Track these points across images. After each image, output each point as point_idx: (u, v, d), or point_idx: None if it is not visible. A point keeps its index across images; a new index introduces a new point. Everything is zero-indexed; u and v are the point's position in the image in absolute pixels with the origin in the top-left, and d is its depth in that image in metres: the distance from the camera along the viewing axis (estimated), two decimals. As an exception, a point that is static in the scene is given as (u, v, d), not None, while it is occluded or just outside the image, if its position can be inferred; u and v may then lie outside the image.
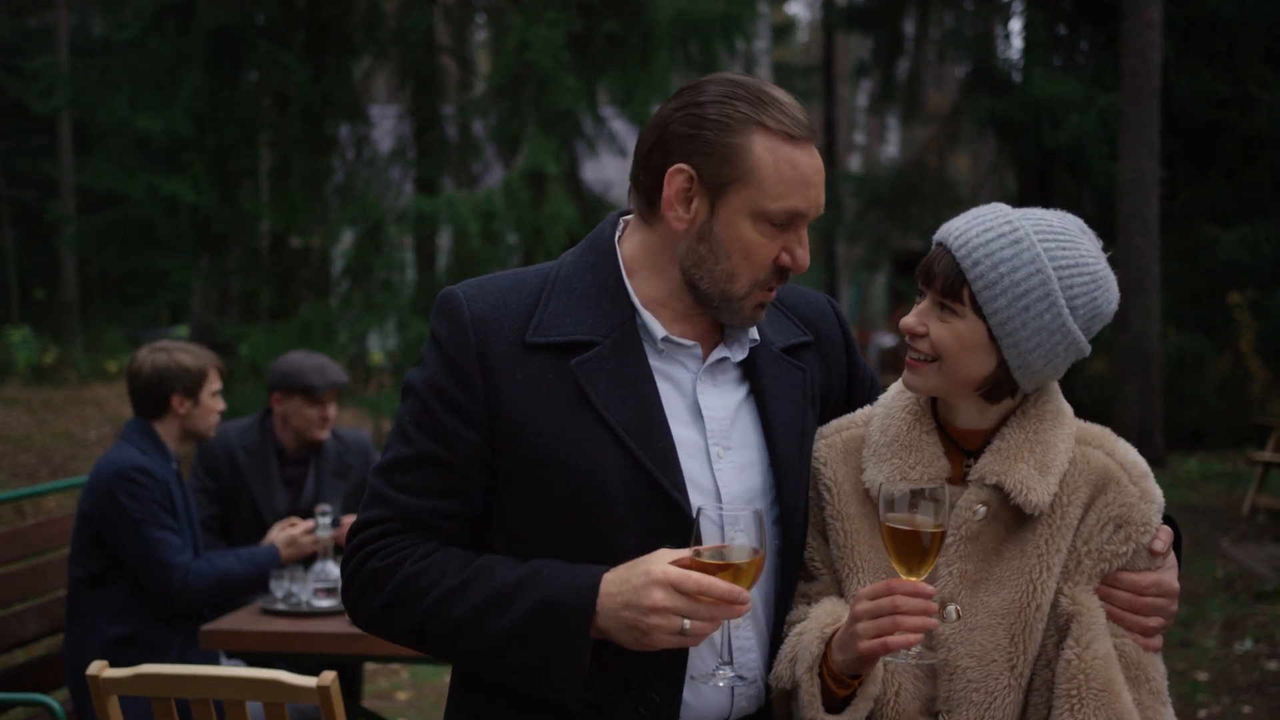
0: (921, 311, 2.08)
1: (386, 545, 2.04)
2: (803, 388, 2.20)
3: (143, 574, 4.26)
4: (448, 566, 2.01)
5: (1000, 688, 2.03)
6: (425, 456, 2.05)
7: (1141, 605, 2.07)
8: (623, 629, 1.92)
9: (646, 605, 1.89)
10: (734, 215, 2.02)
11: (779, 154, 2.01)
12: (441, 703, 6.44)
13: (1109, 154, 13.75)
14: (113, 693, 2.86)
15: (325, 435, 4.99)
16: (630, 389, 2.04)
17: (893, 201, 17.91)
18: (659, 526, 1.98)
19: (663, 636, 1.90)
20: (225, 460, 4.90)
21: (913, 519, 1.93)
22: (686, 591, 1.88)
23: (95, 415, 15.58)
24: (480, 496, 2.07)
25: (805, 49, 37.95)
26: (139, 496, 4.24)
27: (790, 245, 2.05)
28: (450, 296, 2.09)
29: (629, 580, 1.92)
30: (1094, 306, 2.05)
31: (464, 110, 13.15)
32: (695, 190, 2.03)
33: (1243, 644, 7.18)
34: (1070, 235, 2.05)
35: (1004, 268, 2.01)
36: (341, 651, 3.98)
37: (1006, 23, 17.77)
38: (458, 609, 1.98)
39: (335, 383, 4.95)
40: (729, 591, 1.87)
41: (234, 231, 12.28)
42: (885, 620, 1.91)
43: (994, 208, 2.09)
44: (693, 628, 1.88)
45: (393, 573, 2.02)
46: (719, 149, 2.01)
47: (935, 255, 2.07)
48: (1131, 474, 2.08)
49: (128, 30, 12.20)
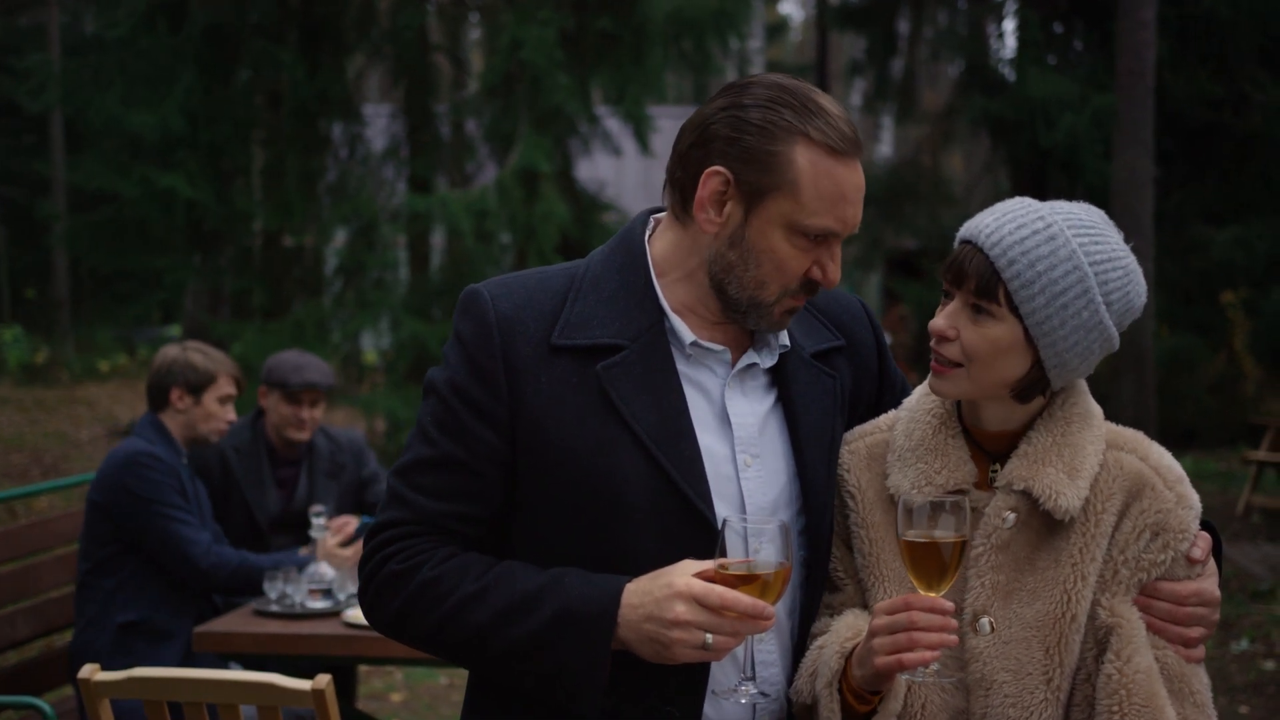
0: (951, 314, 2.01)
1: (406, 548, 2.00)
2: (833, 394, 2.14)
3: (165, 555, 4.28)
4: (467, 572, 1.97)
5: (1036, 702, 1.98)
6: (446, 458, 2.01)
7: (1183, 615, 2.01)
8: (644, 641, 1.88)
9: (669, 619, 1.85)
10: (768, 225, 1.97)
11: (820, 167, 1.96)
12: (436, 704, 6.43)
13: (1103, 153, 13.75)
14: (105, 696, 2.83)
15: (302, 436, 4.90)
16: (657, 395, 2.00)
17: (887, 200, 17.87)
18: (681, 535, 1.95)
19: (684, 651, 1.86)
20: (216, 461, 4.85)
21: (930, 532, 1.88)
22: (710, 606, 1.84)
23: (87, 415, 15.53)
24: (501, 499, 2.03)
25: (799, 48, 37.94)
26: (147, 478, 4.27)
27: (823, 260, 2.00)
28: (475, 295, 2.04)
29: (651, 592, 1.88)
30: (1127, 300, 2.01)
31: (457, 109, 13.11)
32: (731, 194, 1.98)
33: (1239, 644, 7.17)
34: (1100, 229, 2.01)
35: (1041, 265, 1.95)
36: (336, 653, 3.96)
37: (1000, 22, 17.75)
38: (477, 615, 1.95)
39: (311, 383, 4.85)
40: (753, 606, 1.83)
41: (227, 230, 12.24)
42: (901, 637, 1.86)
43: (1021, 203, 2.02)
44: (715, 643, 1.85)
45: (411, 576, 1.98)
46: (759, 155, 1.96)
47: (965, 254, 2.00)
48: (1166, 479, 2.02)
49: (119, 28, 12.14)
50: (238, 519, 4.85)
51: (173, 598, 4.34)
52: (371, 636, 3.90)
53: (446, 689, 6.65)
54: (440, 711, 6.33)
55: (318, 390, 4.89)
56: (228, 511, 4.85)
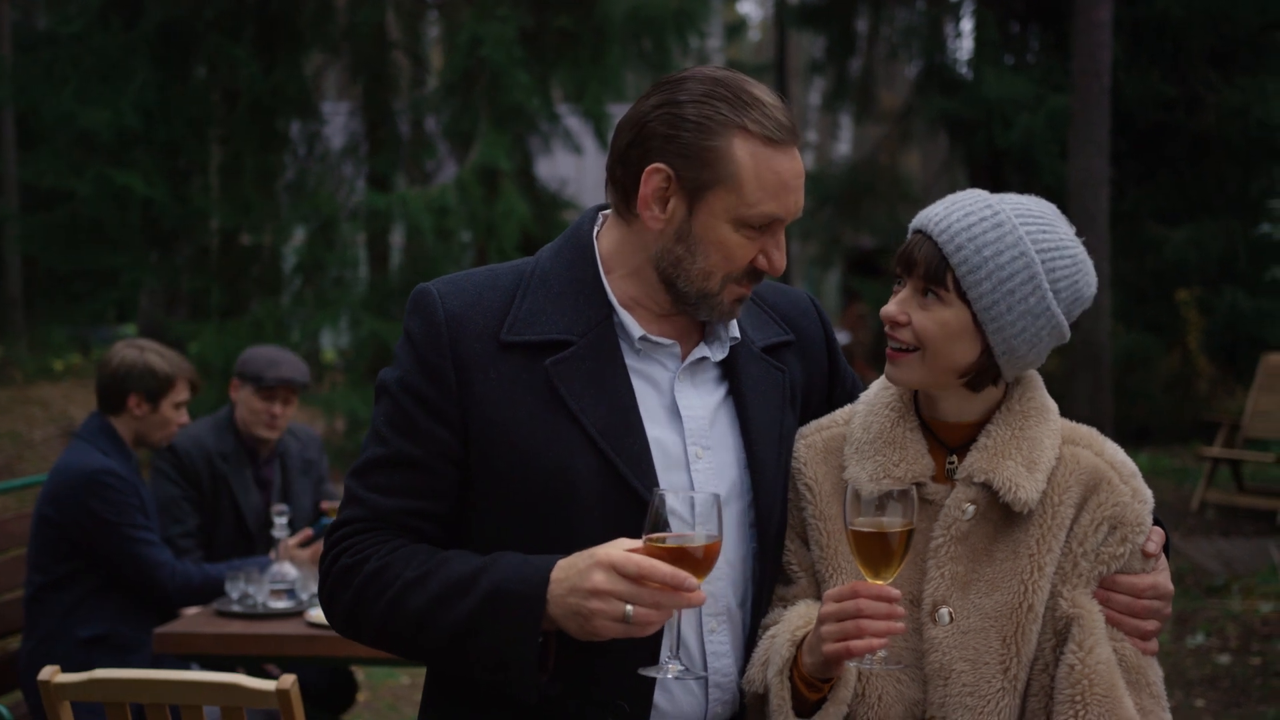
0: (902, 300, 2.05)
1: (357, 543, 2.02)
2: (782, 389, 2.17)
3: (131, 576, 4.22)
4: (411, 560, 1.98)
5: (993, 691, 2.00)
6: (399, 456, 2.02)
7: (1140, 608, 2.05)
8: (568, 615, 1.87)
9: (587, 588, 1.84)
10: (713, 218, 1.99)
11: (759, 158, 1.97)
12: (398, 704, 6.40)
13: (1059, 153, 13.86)
14: (65, 698, 2.79)
15: (271, 435, 4.79)
16: (605, 390, 2.01)
17: (845, 199, 17.95)
18: (631, 528, 1.94)
19: (604, 623, 1.84)
20: (205, 468, 4.71)
21: (878, 520, 1.89)
22: (628, 575, 1.82)
23: (40, 415, 15.33)
24: (455, 495, 2.04)
25: (757, 47, 38.01)
26: (112, 500, 4.17)
27: (768, 248, 2.02)
28: (424, 294, 2.05)
29: (575, 565, 1.88)
30: (1075, 290, 2.03)
31: (416, 106, 13.06)
32: (673, 190, 1.99)
33: (1194, 638, 7.26)
34: (1048, 219, 2.04)
35: (988, 251, 1.98)
36: (298, 653, 3.93)
37: (957, 22, 17.85)
38: (416, 600, 1.95)
39: (286, 379, 4.71)
40: (672, 576, 1.81)
41: (184, 228, 12.13)
42: (849, 624, 1.88)
43: (972, 193, 2.06)
44: (636, 614, 1.82)
45: (360, 568, 2.00)
46: (698, 152, 1.97)
47: (914, 243, 2.04)
48: (1122, 474, 2.06)
49: (73, 24, 12.01)
50: (227, 523, 4.76)
51: (134, 610, 4.29)
52: (333, 637, 3.87)
53: (409, 689, 6.63)
54: (402, 711, 6.31)
55: (292, 387, 4.77)
56: (217, 516, 4.74)
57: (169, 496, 4.63)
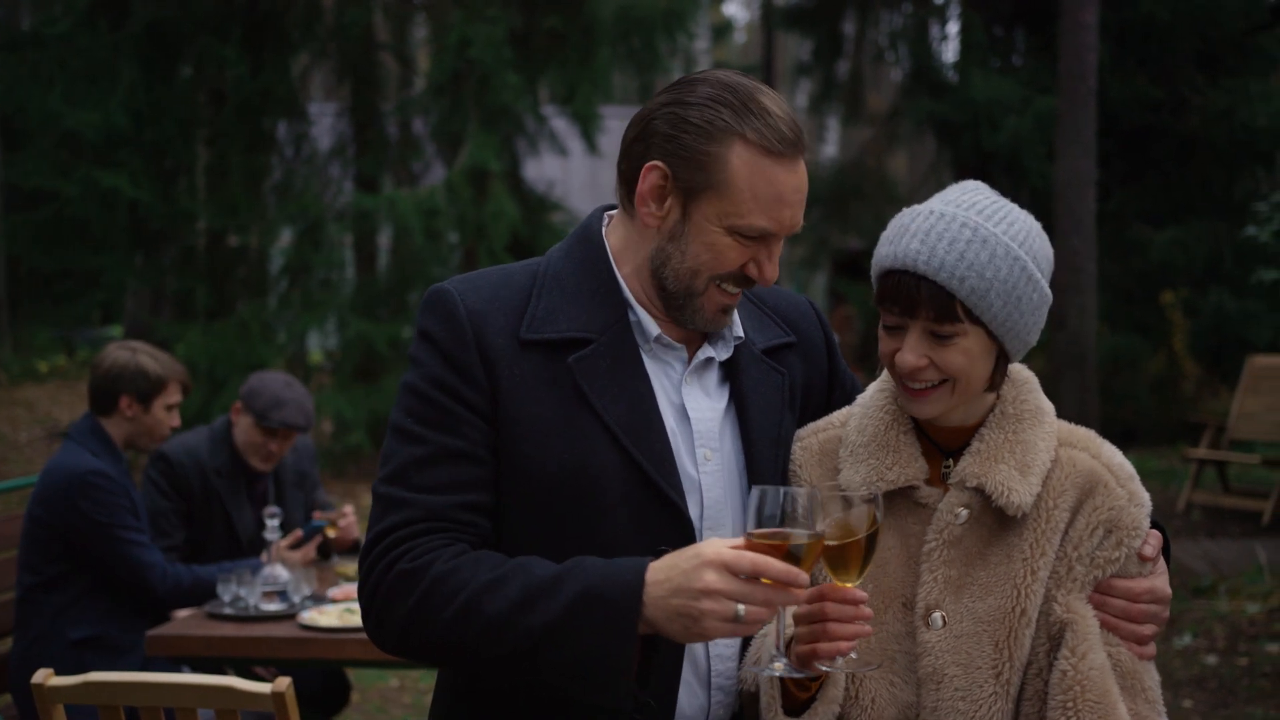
0: (914, 346, 2.00)
1: (415, 546, 1.93)
2: (781, 391, 2.16)
3: (121, 578, 4.22)
4: (482, 563, 1.90)
5: (986, 696, 2.00)
6: (443, 451, 1.96)
7: (1136, 613, 2.03)
8: (672, 617, 1.79)
9: (698, 588, 1.76)
10: (705, 221, 1.98)
11: (756, 169, 1.95)
12: (386, 705, 6.39)
13: (1045, 155, 13.91)
14: (59, 701, 2.78)
15: (265, 467, 4.76)
16: (626, 388, 2.00)
17: (832, 201, 18.00)
18: (654, 525, 1.94)
19: (715, 624, 1.77)
20: (197, 480, 4.67)
21: (844, 522, 1.88)
22: (741, 572, 1.76)
23: (25, 417, 15.27)
24: (494, 487, 2.00)
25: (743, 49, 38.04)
26: (102, 501, 4.16)
27: (760, 258, 2.00)
28: (442, 293, 2.03)
29: (678, 565, 1.80)
30: (1048, 256, 2.05)
31: (404, 107, 13.04)
32: (670, 190, 1.99)
33: (1181, 639, 7.28)
34: (999, 204, 2.03)
35: (989, 272, 1.96)
36: (290, 656, 3.91)
37: (944, 24, 17.90)
38: (493, 605, 1.85)
39: (288, 423, 4.64)
40: (785, 572, 1.75)
41: (170, 229, 12.09)
42: (816, 627, 1.88)
43: (923, 217, 2.01)
44: (747, 613, 1.76)
45: (424, 572, 1.90)
46: (695, 155, 1.96)
47: (906, 285, 1.98)
48: (1119, 476, 2.05)
49: (59, 25, 11.95)
50: (219, 535, 4.73)
51: (125, 611, 4.28)
52: (325, 639, 3.86)
53: (397, 690, 6.62)
54: (391, 713, 6.30)
55: (292, 431, 4.73)
56: (209, 528, 4.71)
57: (157, 509, 4.61)
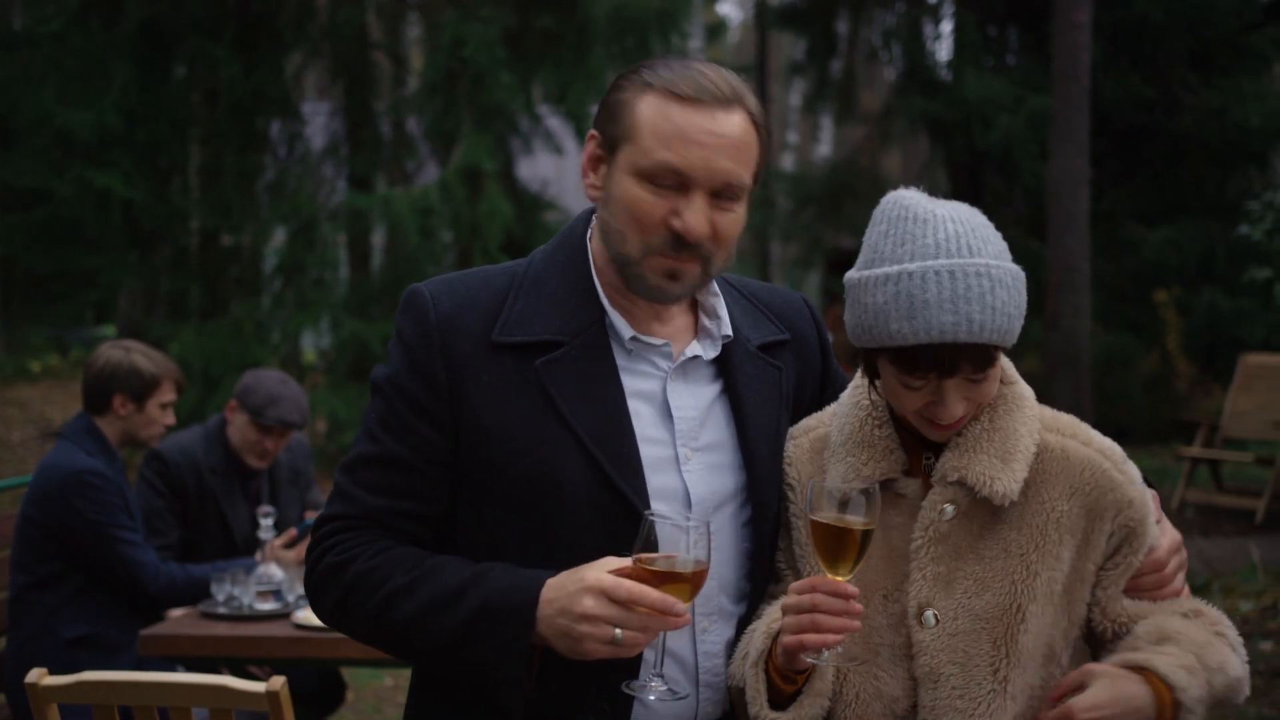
0: (955, 400, 1.97)
1: (343, 541, 2.03)
2: (778, 387, 2.16)
3: (115, 576, 4.22)
4: (399, 564, 1.99)
5: (984, 694, 1.99)
6: (388, 456, 2.03)
7: (1168, 575, 2.10)
8: (557, 636, 1.89)
9: (577, 612, 1.86)
10: (620, 173, 2.00)
11: (660, 110, 1.96)
12: (381, 705, 6.39)
13: (1039, 154, 13.93)
14: (53, 701, 2.77)
15: (261, 465, 4.75)
16: (595, 391, 2.00)
17: (826, 200, 18.03)
18: (620, 532, 1.94)
19: (594, 645, 1.86)
20: (192, 479, 4.66)
21: (840, 515, 1.89)
22: (618, 600, 1.84)
23: (18, 416, 15.24)
24: (443, 497, 2.04)
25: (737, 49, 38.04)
26: (97, 500, 4.16)
27: (679, 208, 1.96)
28: (416, 295, 2.05)
29: (565, 586, 1.89)
30: (1000, 237, 2.01)
31: (398, 107, 13.03)
32: (602, 155, 2.04)
33: (1175, 637, 7.30)
34: (960, 224, 1.97)
35: (1011, 306, 1.95)
36: (284, 655, 3.91)
37: (937, 24, 17.92)
38: (406, 608, 1.96)
39: (284, 420, 4.64)
40: (661, 601, 1.83)
41: (164, 229, 12.08)
42: (805, 618, 1.88)
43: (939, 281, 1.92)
44: (624, 637, 1.85)
45: (346, 568, 2.01)
46: (611, 107, 2.02)
47: (943, 355, 1.92)
48: (1114, 460, 2.07)
49: (51, 24, 11.94)
50: (213, 534, 4.71)
51: (119, 610, 4.27)
52: (320, 638, 3.86)
53: (392, 690, 6.62)
54: (385, 713, 6.30)
55: (288, 428, 4.73)
56: (203, 527, 4.70)
57: (152, 508, 4.60)
